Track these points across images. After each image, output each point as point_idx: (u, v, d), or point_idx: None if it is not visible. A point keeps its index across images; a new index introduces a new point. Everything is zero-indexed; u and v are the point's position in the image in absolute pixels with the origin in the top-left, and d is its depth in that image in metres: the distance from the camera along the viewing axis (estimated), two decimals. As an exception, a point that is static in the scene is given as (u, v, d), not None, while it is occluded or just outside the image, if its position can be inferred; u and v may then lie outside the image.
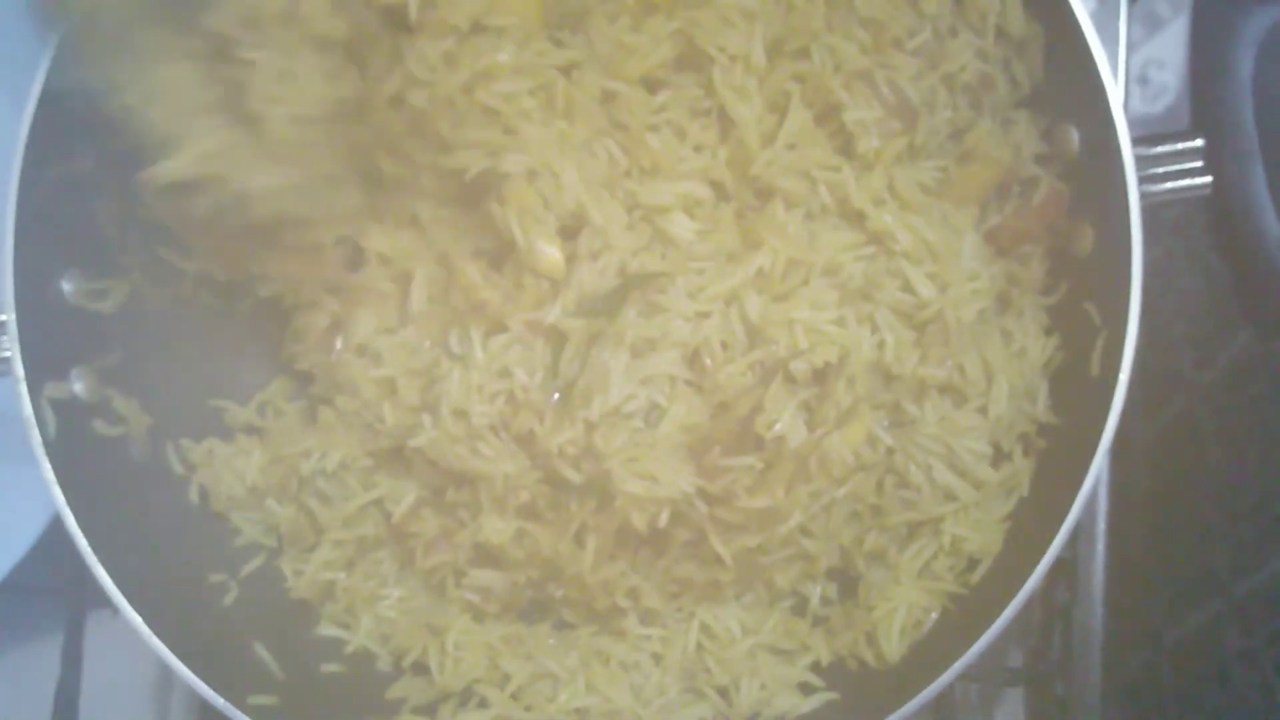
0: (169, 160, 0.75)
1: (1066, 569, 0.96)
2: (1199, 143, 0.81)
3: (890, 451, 0.84)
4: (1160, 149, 0.81)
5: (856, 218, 0.84)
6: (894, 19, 0.83)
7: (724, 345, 0.83)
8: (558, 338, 0.83)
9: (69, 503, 0.78)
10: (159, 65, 0.74)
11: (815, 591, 0.91)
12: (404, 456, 0.89)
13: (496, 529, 0.86)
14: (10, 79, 1.03)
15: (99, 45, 0.74)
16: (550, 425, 0.83)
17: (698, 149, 0.84)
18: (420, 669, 0.89)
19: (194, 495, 0.90)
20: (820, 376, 0.83)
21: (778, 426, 0.82)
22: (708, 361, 0.83)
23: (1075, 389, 0.83)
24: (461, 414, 0.84)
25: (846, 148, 0.84)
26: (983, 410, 0.84)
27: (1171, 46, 1.02)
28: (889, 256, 0.84)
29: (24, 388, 0.79)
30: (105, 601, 0.78)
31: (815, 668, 0.88)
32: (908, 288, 0.83)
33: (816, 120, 0.84)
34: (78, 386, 0.83)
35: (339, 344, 0.90)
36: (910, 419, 0.84)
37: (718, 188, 0.85)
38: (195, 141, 0.75)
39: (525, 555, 0.87)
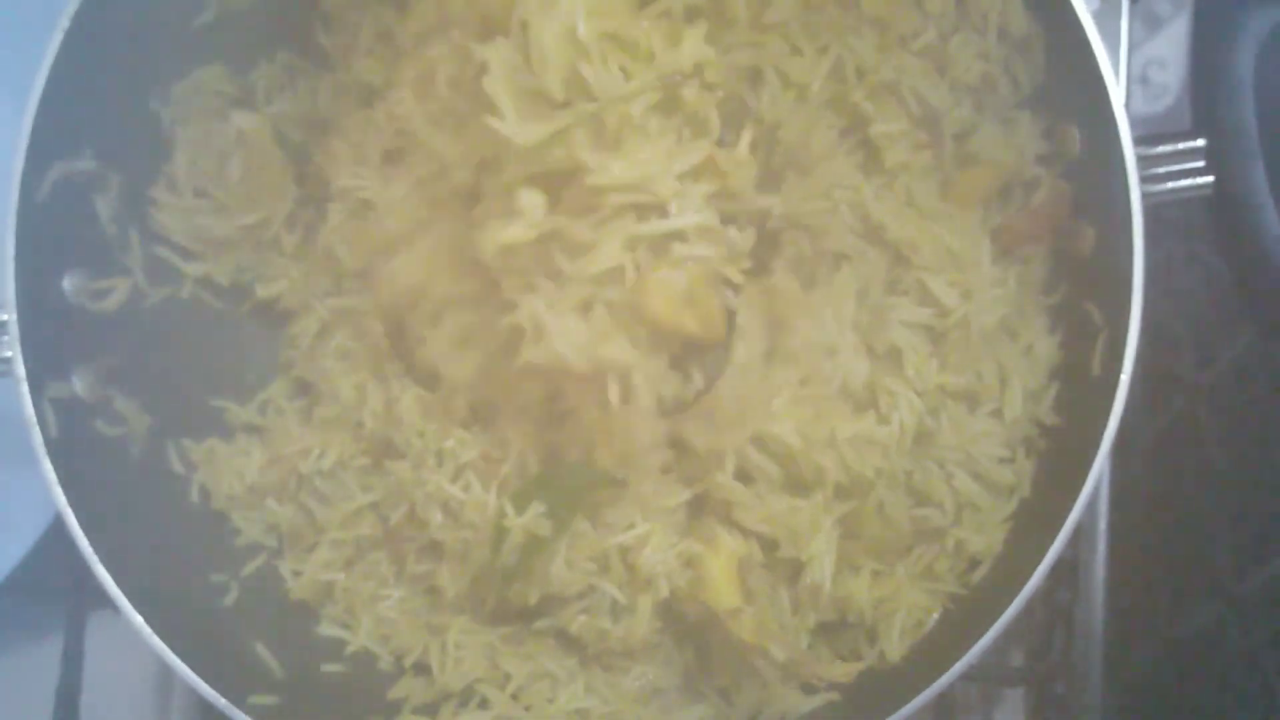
0: None
1: (1068, 569, 0.96)
2: (1200, 143, 0.81)
3: (909, 474, 0.84)
4: (1161, 149, 0.81)
5: (871, 239, 0.84)
6: (899, 19, 0.83)
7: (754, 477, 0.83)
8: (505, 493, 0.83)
9: (70, 502, 0.78)
10: None
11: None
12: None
13: (455, 575, 0.87)
14: (12, 78, 1.04)
15: None
16: (501, 583, 0.84)
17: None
18: (421, 669, 0.89)
19: (195, 495, 0.90)
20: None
21: (822, 573, 0.82)
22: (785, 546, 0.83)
23: (1076, 389, 0.83)
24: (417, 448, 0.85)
25: (868, 164, 0.84)
26: (997, 414, 0.84)
27: (1173, 46, 1.02)
28: (906, 268, 0.84)
29: (25, 387, 0.79)
30: (106, 601, 0.78)
31: (816, 668, 0.88)
32: (927, 299, 0.83)
33: (841, 134, 0.84)
34: (79, 386, 0.83)
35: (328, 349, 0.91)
36: (927, 431, 0.84)
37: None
38: None
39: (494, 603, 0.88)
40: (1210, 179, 0.81)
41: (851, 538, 0.85)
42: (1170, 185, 0.81)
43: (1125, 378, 0.77)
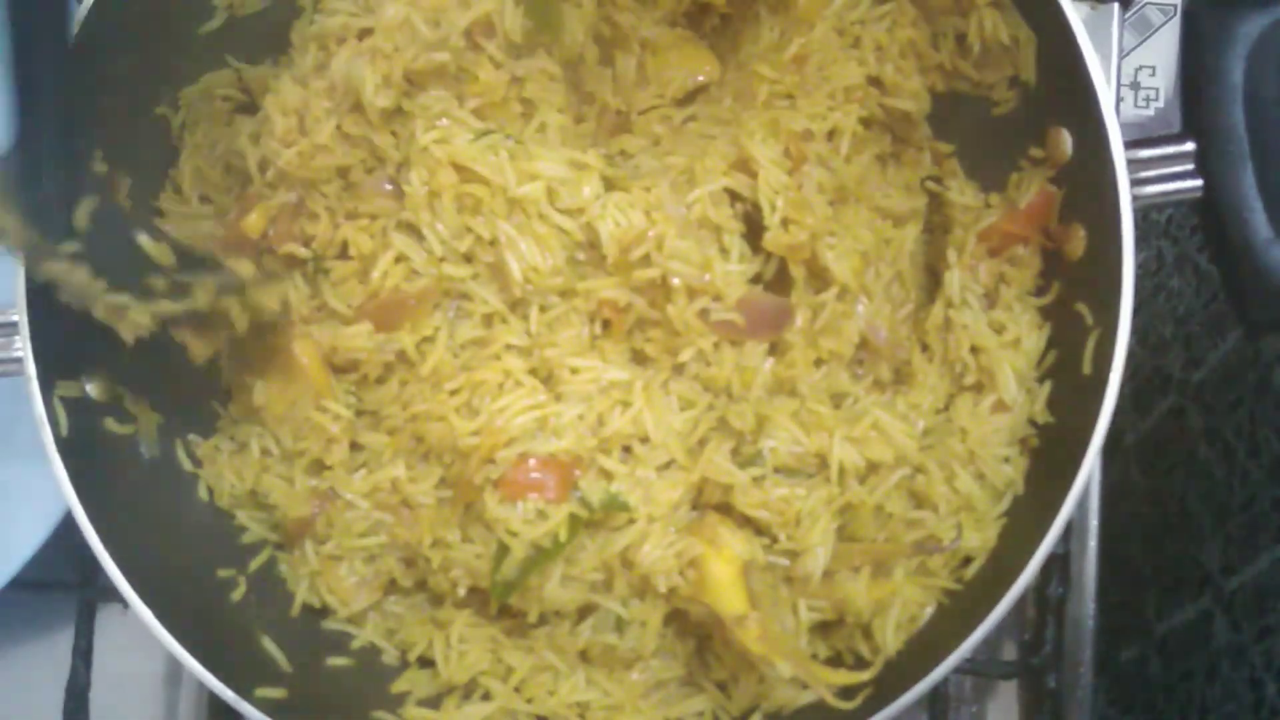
0: None
1: (1059, 564, 0.97)
2: (1190, 146, 0.82)
3: (916, 472, 0.86)
4: (1151, 152, 0.82)
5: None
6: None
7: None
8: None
9: (80, 499, 0.79)
10: None
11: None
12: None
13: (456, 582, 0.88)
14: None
15: None
16: (500, 594, 0.86)
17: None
18: (425, 662, 0.90)
19: (203, 492, 0.91)
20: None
21: (815, 563, 0.84)
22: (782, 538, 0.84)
23: (1068, 388, 0.84)
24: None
25: None
26: (1000, 405, 0.86)
27: (1163, 52, 1.03)
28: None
29: (36, 386, 0.80)
30: (116, 596, 0.79)
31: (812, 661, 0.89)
32: None
33: None
34: (89, 385, 0.84)
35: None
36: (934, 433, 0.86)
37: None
38: None
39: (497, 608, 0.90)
40: (1199, 182, 0.82)
41: (849, 540, 0.86)
42: (1160, 188, 0.82)
43: (1115, 377, 0.78)
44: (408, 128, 0.84)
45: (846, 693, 0.82)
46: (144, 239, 0.79)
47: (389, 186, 0.86)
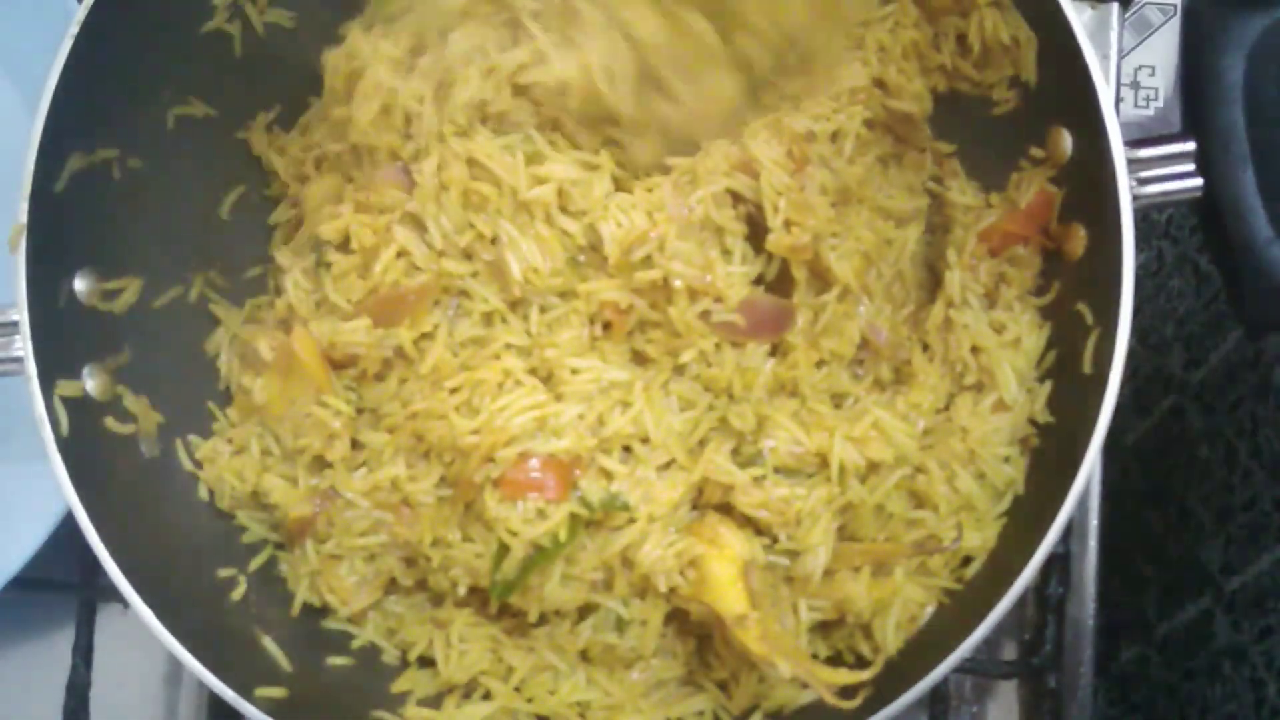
0: None
1: (1060, 564, 0.97)
2: (1190, 145, 0.82)
3: (916, 472, 0.86)
4: (1152, 151, 0.82)
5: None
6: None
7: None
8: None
9: (81, 499, 0.79)
10: None
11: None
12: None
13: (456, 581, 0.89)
14: (24, 79, 1.05)
15: None
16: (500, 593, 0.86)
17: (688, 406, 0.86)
18: (425, 662, 0.90)
19: (203, 492, 0.91)
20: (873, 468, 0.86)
21: (815, 563, 0.84)
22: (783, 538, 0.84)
23: (1068, 388, 0.84)
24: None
25: None
26: (1000, 405, 0.86)
27: (1162, 52, 1.03)
28: None
29: (36, 386, 0.80)
30: (116, 596, 0.79)
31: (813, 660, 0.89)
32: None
33: None
34: (89, 385, 0.84)
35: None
36: (934, 433, 0.86)
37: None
38: None
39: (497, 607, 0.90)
40: (1199, 182, 0.82)
41: (849, 540, 0.86)
42: (1160, 188, 0.82)
43: (1116, 376, 0.78)
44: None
45: (846, 692, 0.81)
46: None
47: (403, 177, 0.86)
